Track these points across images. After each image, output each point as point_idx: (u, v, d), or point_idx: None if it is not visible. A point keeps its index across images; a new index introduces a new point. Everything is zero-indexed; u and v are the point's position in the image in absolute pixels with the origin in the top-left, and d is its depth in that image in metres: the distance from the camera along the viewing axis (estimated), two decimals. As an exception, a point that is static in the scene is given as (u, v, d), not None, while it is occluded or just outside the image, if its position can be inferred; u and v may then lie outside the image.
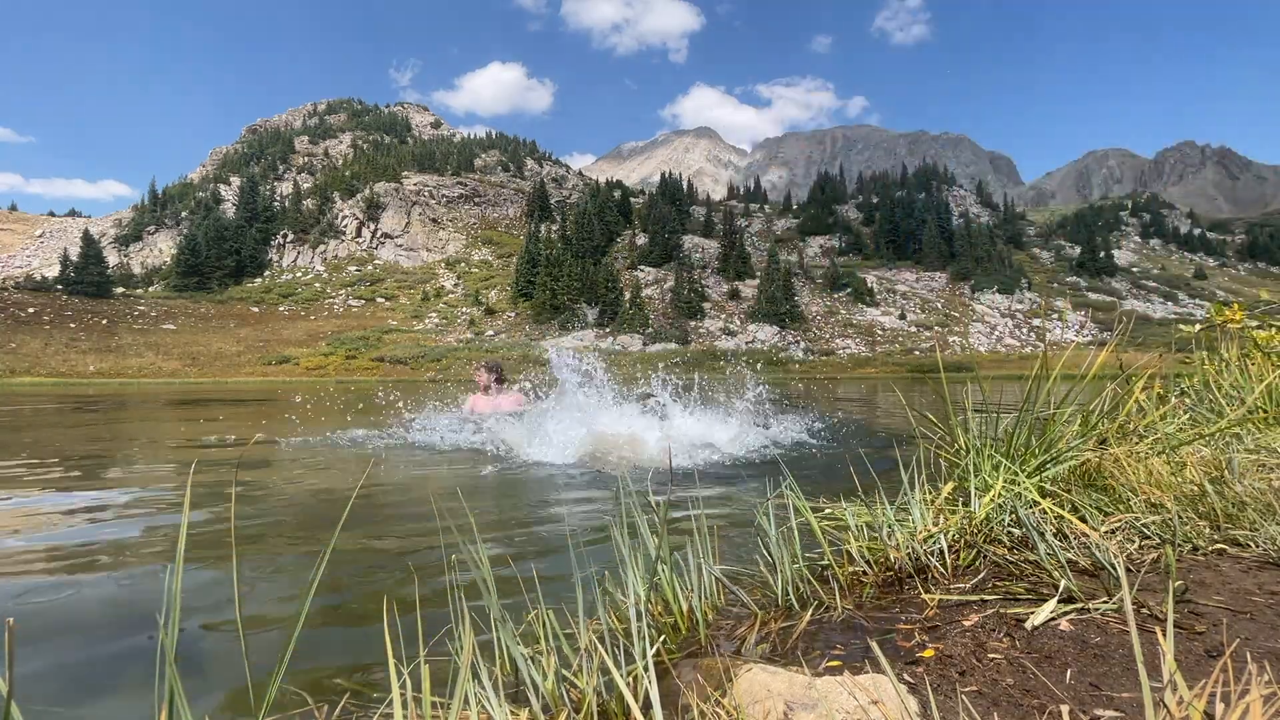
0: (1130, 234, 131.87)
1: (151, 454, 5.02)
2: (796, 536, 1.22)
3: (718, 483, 3.20)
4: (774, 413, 5.99)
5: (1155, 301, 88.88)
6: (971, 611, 1.00)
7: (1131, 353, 2.21)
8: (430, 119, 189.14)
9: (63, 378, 47.85)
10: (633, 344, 65.63)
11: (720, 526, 2.14)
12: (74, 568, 1.96)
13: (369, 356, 58.64)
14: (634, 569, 1.04)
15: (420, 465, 4.00)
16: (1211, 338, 3.14)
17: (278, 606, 1.65)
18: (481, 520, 2.50)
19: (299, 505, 2.87)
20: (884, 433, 5.56)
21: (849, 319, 75.62)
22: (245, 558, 2.02)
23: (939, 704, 0.75)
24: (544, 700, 0.84)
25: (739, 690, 0.77)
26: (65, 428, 7.55)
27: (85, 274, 72.02)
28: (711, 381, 6.71)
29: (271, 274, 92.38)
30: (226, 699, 1.18)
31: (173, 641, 0.64)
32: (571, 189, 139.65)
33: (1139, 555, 1.19)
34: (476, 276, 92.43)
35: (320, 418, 8.25)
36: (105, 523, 2.56)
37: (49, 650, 1.40)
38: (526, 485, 3.37)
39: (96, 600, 1.71)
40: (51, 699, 1.20)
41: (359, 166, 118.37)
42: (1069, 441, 1.50)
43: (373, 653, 1.35)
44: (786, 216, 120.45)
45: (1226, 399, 2.29)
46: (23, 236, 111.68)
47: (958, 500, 1.38)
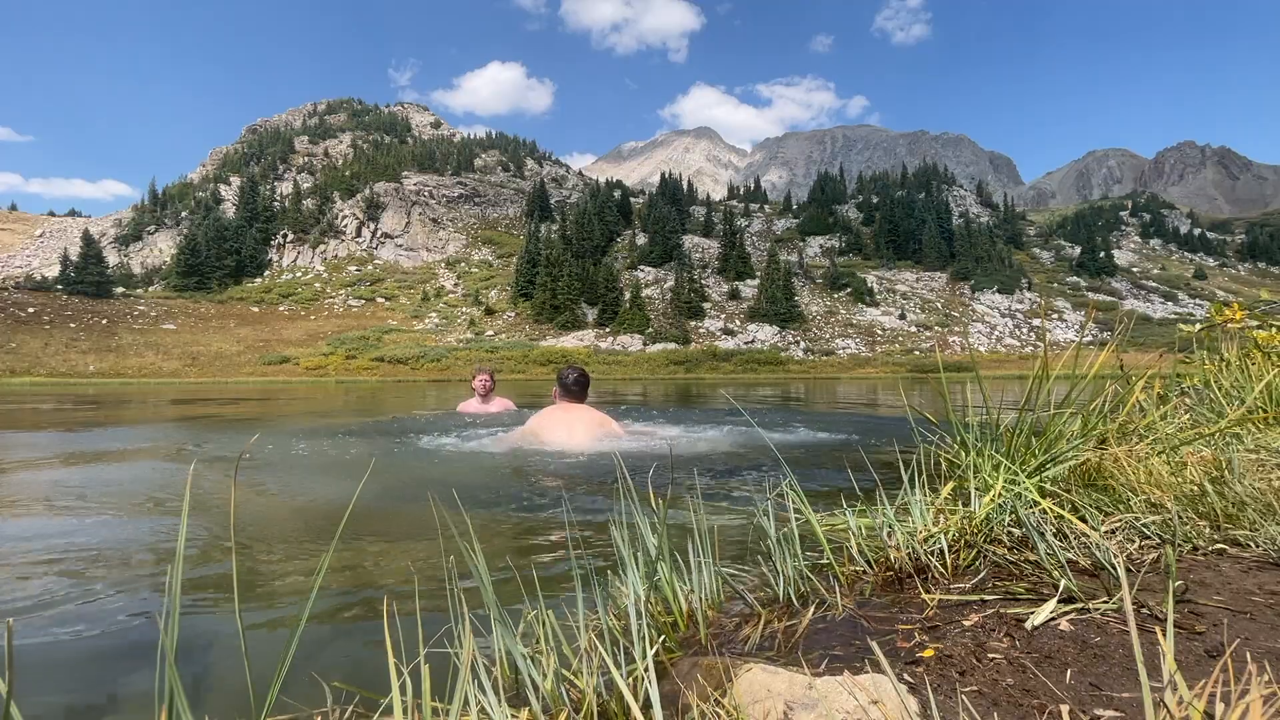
0: (1130, 234, 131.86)
1: (152, 454, 5.02)
2: (796, 536, 1.22)
3: (718, 482, 3.20)
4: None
5: (1155, 301, 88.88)
6: (971, 611, 1.00)
7: (1132, 353, 2.21)
8: (430, 119, 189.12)
9: (63, 378, 47.86)
10: (633, 344, 65.63)
11: (720, 525, 2.14)
12: (74, 567, 1.96)
13: (369, 356, 58.62)
14: (633, 568, 1.04)
15: (421, 464, 4.00)
16: (1212, 337, 3.14)
17: (281, 605, 1.65)
18: (480, 519, 2.50)
19: (300, 504, 2.87)
20: (884, 432, 5.56)
21: (849, 319, 75.61)
22: (246, 558, 2.02)
23: (939, 704, 0.75)
24: (544, 700, 0.84)
25: (739, 690, 0.77)
26: (67, 427, 7.55)
27: (85, 274, 72.03)
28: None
29: (271, 274, 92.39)
30: (227, 699, 1.18)
31: (173, 643, 0.64)
32: (571, 189, 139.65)
33: (1139, 555, 1.19)
34: (476, 276, 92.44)
35: (321, 417, 8.24)
36: (106, 523, 2.56)
37: (50, 650, 1.40)
38: (526, 484, 3.37)
39: (97, 600, 1.70)
40: (52, 699, 1.20)
41: (359, 166, 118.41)
42: (1069, 441, 1.50)
43: (372, 652, 1.35)
44: (786, 216, 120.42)
45: (1227, 399, 2.29)
46: (23, 236, 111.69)
47: (958, 500, 1.38)
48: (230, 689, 1.21)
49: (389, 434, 5.52)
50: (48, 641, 1.44)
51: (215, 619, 1.56)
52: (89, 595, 1.73)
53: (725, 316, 74.26)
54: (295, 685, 1.12)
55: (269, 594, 1.74)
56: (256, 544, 2.19)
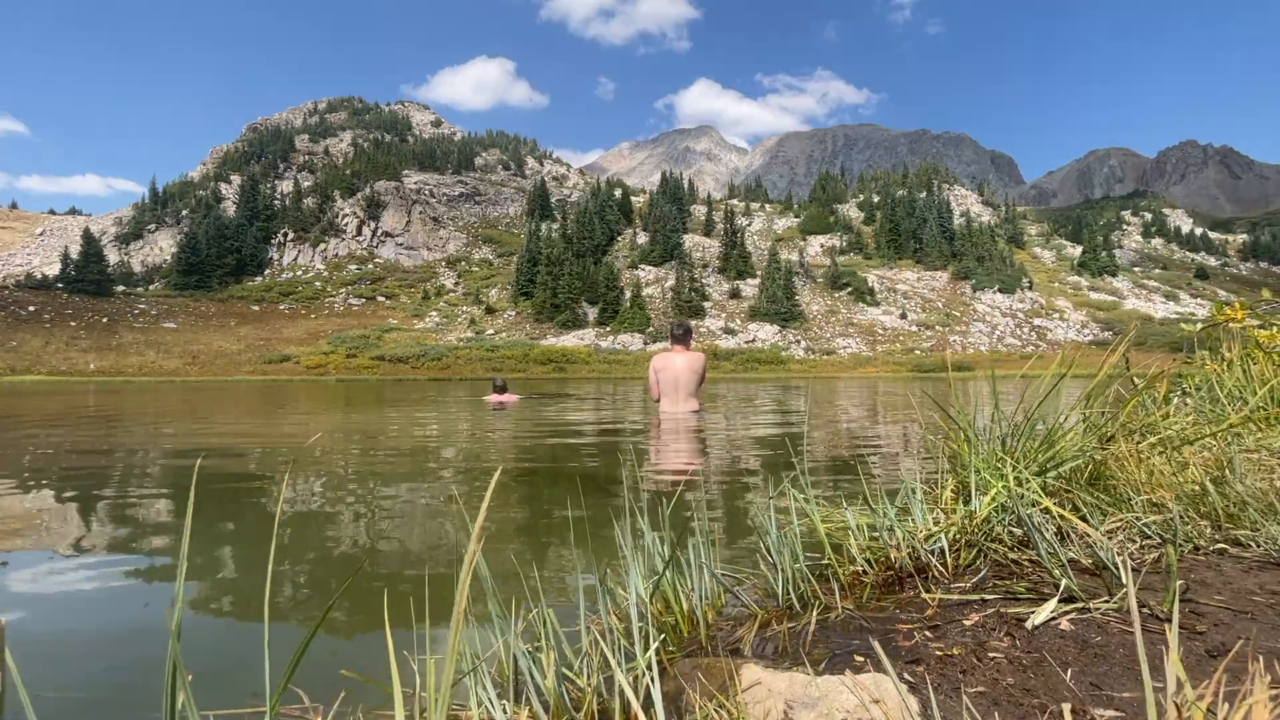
0: (1132, 233, 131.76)
1: (153, 453, 5.02)
2: (798, 536, 1.22)
3: (718, 481, 3.20)
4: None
5: (1157, 301, 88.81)
6: (972, 611, 1.00)
7: (1134, 353, 2.21)
8: (431, 117, 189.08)
9: (63, 376, 47.91)
10: (633, 343, 65.65)
11: (720, 525, 2.14)
12: (75, 568, 1.96)
13: (369, 355, 58.66)
14: (636, 568, 1.04)
15: (423, 465, 4.00)
16: (1214, 337, 3.14)
17: (282, 605, 1.65)
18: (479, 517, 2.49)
19: (300, 505, 2.87)
20: (884, 432, 5.56)
21: (850, 318, 75.59)
22: (248, 558, 2.03)
23: (940, 703, 0.75)
24: (544, 699, 0.84)
25: (739, 689, 0.77)
26: (68, 426, 7.56)
27: (86, 272, 72.12)
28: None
29: (272, 272, 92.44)
30: (229, 699, 1.18)
31: (176, 628, 0.62)
32: (572, 188, 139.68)
33: (1140, 555, 1.19)
34: (477, 275, 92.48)
35: (323, 416, 8.26)
36: (105, 522, 2.56)
37: (50, 650, 1.40)
38: (526, 483, 3.37)
39: (97, 599, 1.71)
40: (52, 698, 1.20)
41: (359, 165, 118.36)
42: (1071, 441, 1.50)
43: (372, 652, 1.35)
44: (787, 215, 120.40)
45: (1229, 398, 2.29)
46: (23, 235, 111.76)
47: (959, 499, 1.38)
48: (233, 689, 1.21)
49: (390, 432, 5.48)
50: (49, 641, 1.44)
51: (219, 618, 1.56)
52: (89, 595, 1.73)
53: (726, 316, 74.25)
54: (295, 684, 1.12)
55: (276, 591, 1.74)
56: (262, 543, 2.19)
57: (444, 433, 5.89)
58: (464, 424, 6.66)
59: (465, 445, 5.03)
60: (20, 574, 1.90)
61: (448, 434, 5.73)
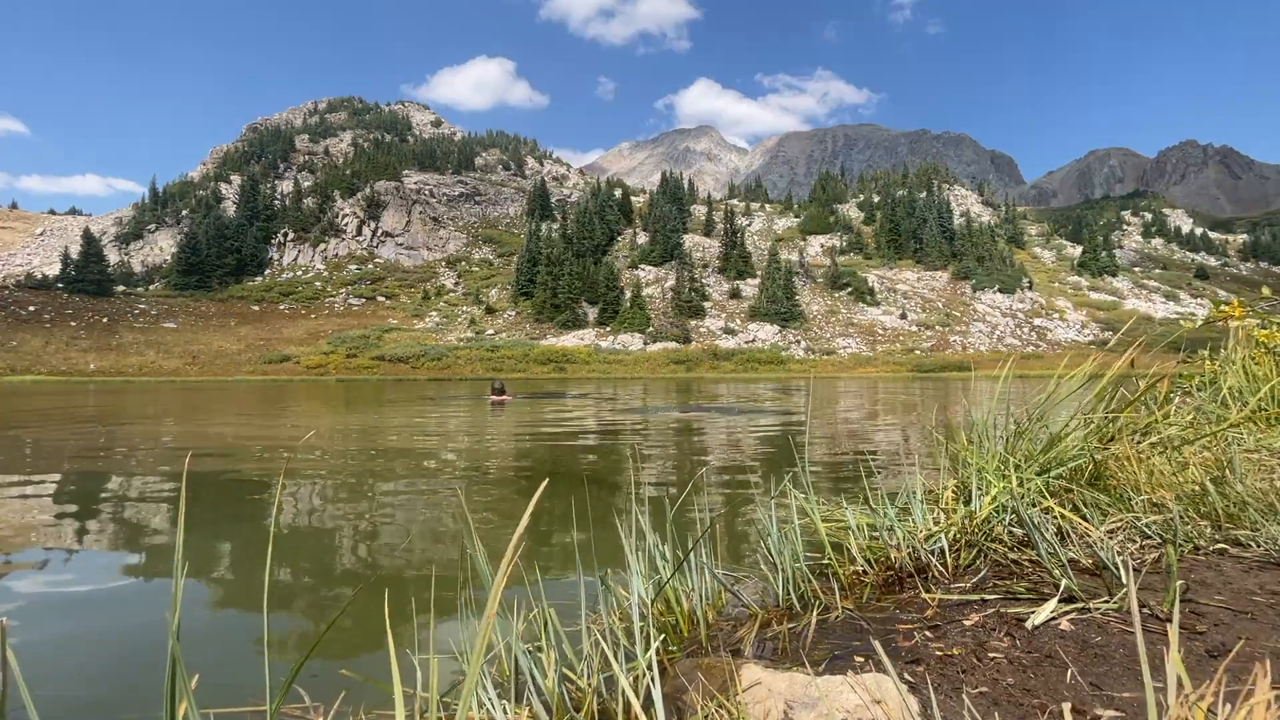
0: (1132, 233, 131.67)
1: (152, 453, 5.01)
2: (798, 536, 1.22)
3: (719, 482, 3.20)
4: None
5: (1157, 301, 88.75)
6: (972, 611, 1.00)
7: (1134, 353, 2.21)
8: (431, 117, 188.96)
9: (63, 376, 47.89)
10: (633, 343, 65.60)
11: (721, 525, 2.14)
12: (75, 568, 1.96)
13: (369, 355, 58.62)
14: (637, 569, 1.04)
15: (423, 464, 4.00)
16: (1214, 337, 3.13)
17: (283, 605, 1.65)
18: (481, 517, 2.50)
19: (301, 505, 2.87)
20: (884, 432, 5.55)
21: (850, 318, 75.55)
22: (251, 558, 2.02)
23: (940, 703, 0.75)
24: (545, 699, 0.84)
25: (740, 689, 0.77)
26: (69, 423, 7.55)
27: (86, 272, 72.07)
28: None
29: (272, 272, 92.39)
30: (230, 698, 1.18)
31: (175, 628, 0.63)
32: (572, 188, 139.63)
33: (1140, 555, 1.18)
34: (477, 275, 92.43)
35: (323, 415, 8.25)
36: (106, 523, 2.56)
37: (51, 649, 1.40)
38: (528, 483, 3.36)
39: (98, 599, 1.71)
40: (52, 698, 1.20)
41: (359, 165, 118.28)
42: (1072, 441, 1.50)
43: (373, 651, 1.35)
44: (788, 215, 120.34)
45: (1231, 398, 2.28)
46: (23, 235, 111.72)
47: (959, 499, 1.38)
48: (236, 688, 1.21)
49: (392, 431, 5.50)
50: (50, 641, 1.43)
51: (220, 618, 1.56)
52: (90, 595, 1.72)
53: (726, 316, 74.21)
54: (297, 683, 1.12)
55: (278, 591, 1.74)
56: (265, 543, 2.19)
57: (447, 431, 5.89)
58: (465, 422, 6.68)
59: (465, 446, 5.03)
60: (21, 574, 1.90)
61: (450, 432, 5.74)
